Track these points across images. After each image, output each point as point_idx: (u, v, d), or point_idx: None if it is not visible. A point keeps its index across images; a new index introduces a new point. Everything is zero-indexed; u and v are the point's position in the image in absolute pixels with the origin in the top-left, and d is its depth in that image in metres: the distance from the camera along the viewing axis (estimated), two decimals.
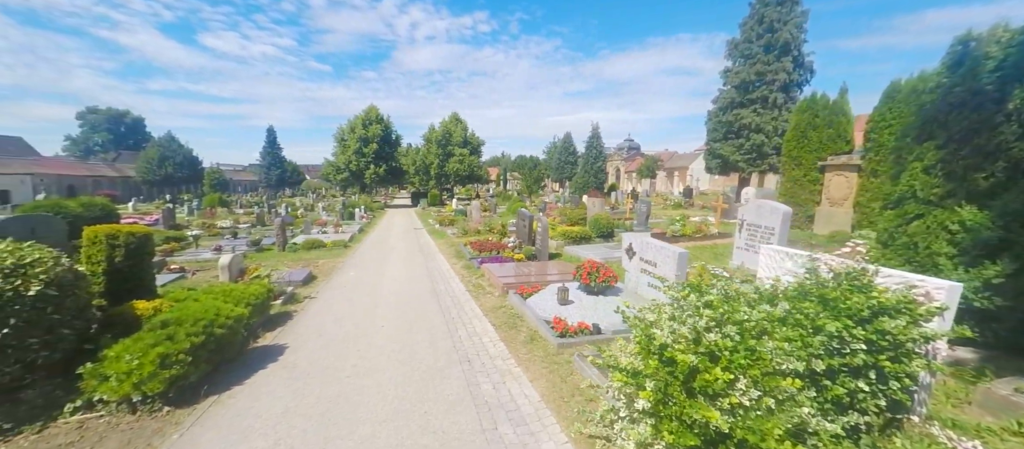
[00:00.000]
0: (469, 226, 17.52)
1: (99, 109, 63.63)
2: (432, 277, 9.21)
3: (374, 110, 40.93)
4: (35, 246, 3.65)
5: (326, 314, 6.50)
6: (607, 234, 12.83)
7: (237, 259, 7.20)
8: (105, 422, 3.33)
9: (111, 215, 14.51)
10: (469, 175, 43.75)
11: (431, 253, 12.67)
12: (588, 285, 6.16)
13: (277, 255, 12.10)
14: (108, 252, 5.11)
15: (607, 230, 12.81)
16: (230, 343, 4.40)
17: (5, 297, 3.10)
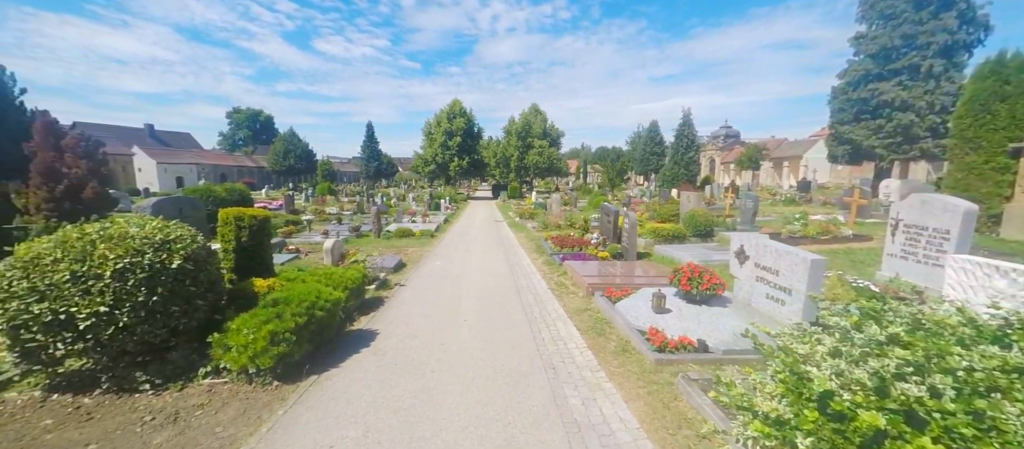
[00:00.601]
0: (549, 220, 17.18)
1: (241, 109, 76.14)
2: (513, 272, 9.06)
3: (458, 104, 42.54)
4: (178, 224, 4.17)
5: (413, 303, 6.68)
6: (704, 233, 11.49)
7: (338, 244, 7.80)
8: (228, 389, 3.68)
9: (247, 200, 17.08)
10: (548, 167, 43.37)
11: (512, 246, 12.60)
12: (688, 292, 5.41)
13: (373, 241, 13.07)
14: (236, 232, 5.79)
15: (704, 228, 11.47)
16: (329, 325, 4.65)
17: (155, 268, 3.56)
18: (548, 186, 55.55)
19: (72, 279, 3.26)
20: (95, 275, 3.32)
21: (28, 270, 3.25)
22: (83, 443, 2.89)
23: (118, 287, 3.36)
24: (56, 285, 3.22)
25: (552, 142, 43.83)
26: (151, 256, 3.58)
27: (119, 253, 3.45)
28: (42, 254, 3.31)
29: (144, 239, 3.65)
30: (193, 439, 2.97)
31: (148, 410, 3.33)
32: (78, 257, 3.34)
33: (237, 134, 75.15)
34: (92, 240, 3.48)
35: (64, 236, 3.47)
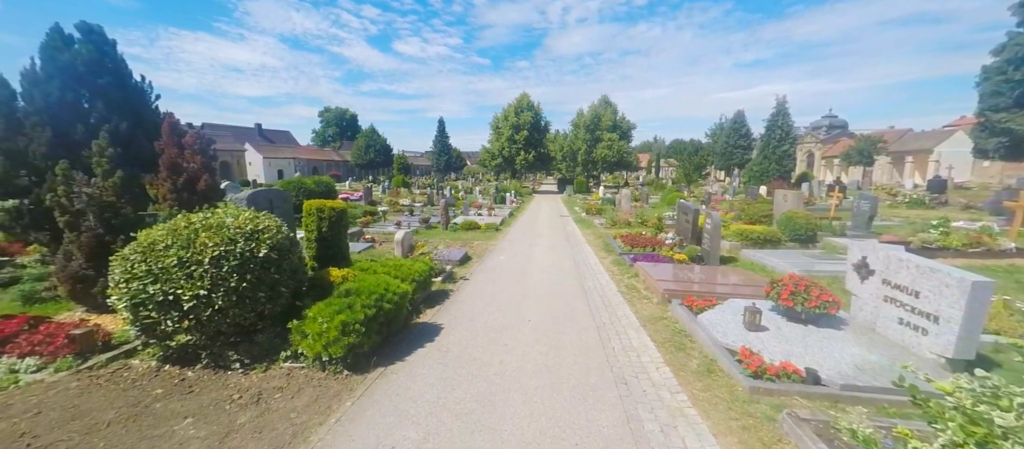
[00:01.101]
0: (618, 217, 16.34)
1: (330, 108, 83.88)
2: (579, 271, 8.65)
3: (525, 97, 42.43)
4: (267, 215, 4.47)
5: (477, 298, 6.63)
6: (806, 237, 9.99)
7: (408, 236, 8.04)
8: (304, 374, 3.86)
9: (332, 191, 18.62)
10: (618, 161, 41.58)
11: (578, 243, 12.14)
12: (790, 308, 4.61)
13: (441, 233, 13.46)
14: (318, 222, 6.17)
15: (806, 232, 9.96)
16: (396, 317, 4.72)
17: (245, 256, 3.82)
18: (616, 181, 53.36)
19: (179, 263, 3.61)
20: (196, 261, 3.64)
21: (146, 254, 3.67)
22: (183, 415, 3.18)
23: (214, 272, 3.66)
24: (166, 269, 3.59)
25: (622, 135, 41.89)
26: (242, 245, 3.86)
27: (216, 241, 3.76)
28: (156, 241, 3.71)
29: (237, 229, 3.94)
30: (270, 422, 3.11)
31: (236, 388, 3.59)
32: (184, 244, 3.69)
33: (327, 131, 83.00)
34: (195, 229, 3.83)
35: (174, 224, 3.87)
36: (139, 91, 8.14)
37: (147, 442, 2.85)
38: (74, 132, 7.10)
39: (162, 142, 6.72)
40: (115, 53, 7.79)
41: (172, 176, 6.59)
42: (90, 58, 7.34)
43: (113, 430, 2.97)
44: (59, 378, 3.73)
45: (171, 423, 3.07)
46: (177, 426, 3.04)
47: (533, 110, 41.43)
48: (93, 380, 3.71)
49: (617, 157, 40.79)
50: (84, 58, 7.27)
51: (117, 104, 7.64)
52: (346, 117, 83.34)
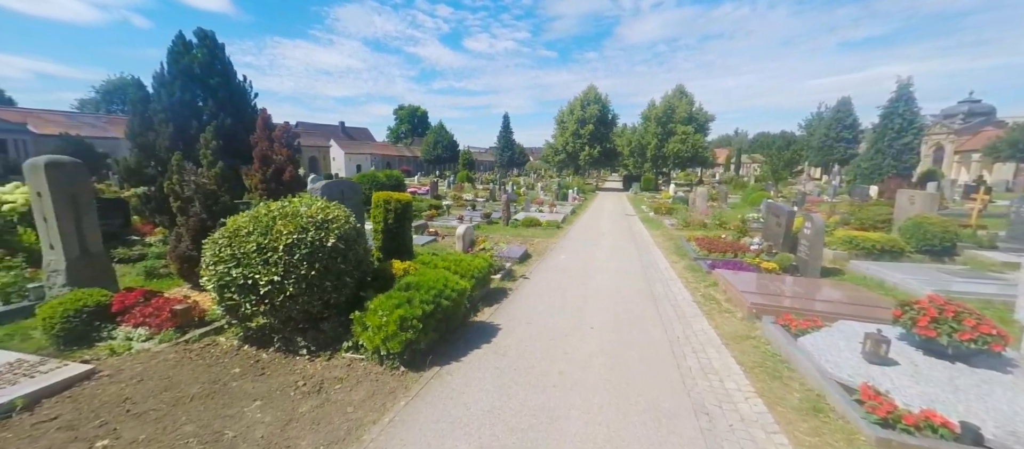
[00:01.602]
0: (692, 217, 15.03)
1: (404, 106, 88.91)
2: (648, 275, 7.98)
3: (592, 90, 41.04)
4: (337, 206, 4.59)
5: (537, 299, 6.35)
6: (940, 250, 8.23)
7: (469, 231, 8.01)
8: (363, 367, 3.88)
9: (401, 185, 19.55)
10: (692, 156, 38.62)
11: (645, 245, 11.31)
12: (931, 339, 3.67)
13: (501, 229, 13.40)
14: (384, 214, 6.31)
15: (940, 243, 8.20)
16: (454, 315, 4.61)
17: (314, 245, 3.93)
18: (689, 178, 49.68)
19: (257, 250, 3.80)
20: (272, 247, 3.81)
21: (231, 240, 3.92)
22: (253, 397, 3.32)
23: (287, 260, 3.80)
24: (247, 254, 3.80)
25: (698, 128, 38.79)
26: (313, 234, 3.97)
27: (290, 229, 3.90)
28: (240, 227, 3.95)
29: (309, 218, 4.07)
30: (327, 415, 3.13)
31: (302, 375, 3.70)
32: (263, 231, 3.88)
33: (400, 128, 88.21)
34: (273, 217, 4.02)
35: (256, 212, 4.10)
36: (241, 90, 9.06)
37: (220, 421, 3.00)
38: (190, 127, 8.09)
39: (256, 136, 7.36)
40: (224, 55, 8.74)
41: (263, 167, 7.18)
42: (204, 60, 8.29)
43: (194, 405, 3.19)
44: (161, 349, 4.16)
45: (242, 404, 3.22)
46: (247, 408, 3.17)
47: (600, 103, 39.97)
48: (187, 353, 4.07)
49: (691, 152, 37.89)
50: (199, 61, 8.23)
51: (224, 102, 8.57)
52: (417, 114, 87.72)
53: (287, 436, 2.85)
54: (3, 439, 2.77)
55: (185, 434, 2.83)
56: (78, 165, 4.66)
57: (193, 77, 8.09)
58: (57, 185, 4.46)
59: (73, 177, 4.57)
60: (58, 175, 4.47)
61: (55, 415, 3.01)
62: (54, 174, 4.43)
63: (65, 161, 4.55)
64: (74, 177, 4.58)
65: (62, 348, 4.14)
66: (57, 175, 4.46)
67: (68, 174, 4.54)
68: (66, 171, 4.52)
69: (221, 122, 8.03)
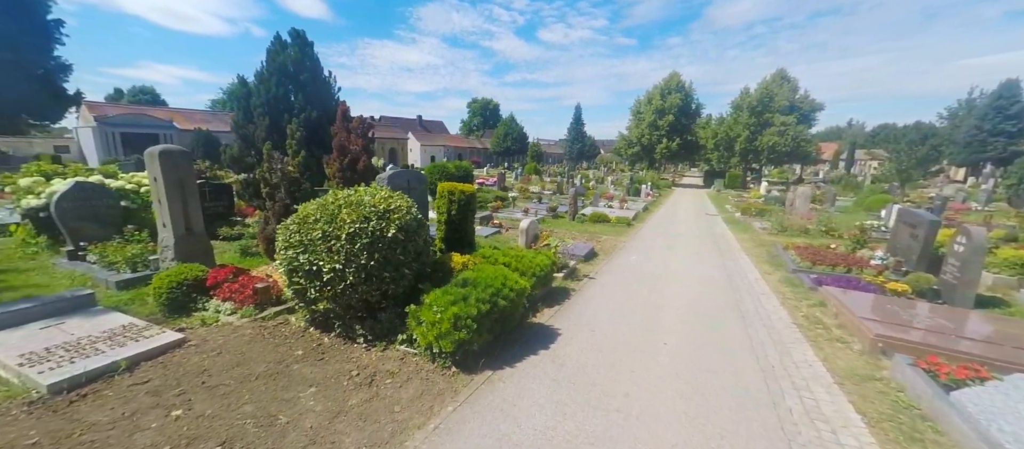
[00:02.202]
0: (790, 221, 13.11)
1: (477, 99, 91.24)
2: (734, 286, 6.99)
3: (675, 77, 38.07)
4: (400, 195, 4.55)
5: (602, 303, 5.84)
6: None
7: (533, 225, 7.70)
8: (415, 362, 3.78)
9: (470, 176, 19.89)
10: (791, 151, 34.00)
11: (731, 250, 10.05)
12: None
13: (567, 224, 12.90)
14: (448, 205, 6.25)
15: None
16: (511, 316, 4.33)
17: (375, 235, 3.90)
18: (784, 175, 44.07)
19: (322, 237, 3.87)
20: (336, 235, 3.84)
21: (300, 226, 4.04)
22: (309, 383, 3.37)
23: (348, 249, 3.81)
24: (313, 241, 3.89)
25: (801, 118, 33.98)
26: (374, 224, 3.94)
27: (354, 218, 3.91)
28: (309, 214, 4.06)
29: (372, 207, 4.06)
30: (375, 411, 3.04)
31: (357, 364, 3.70)
32: (329, 219, 3.94)
33: (472, 120, 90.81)
34: (339, 205, 4.07)
35: (324, 200, 4.19)
36: (327, 85, 9.70)
37: (277, 404, 3.06)
38: (282, 120, 8.84)
39: (336, 126, 7.77)
40: (313, 52, 9.40)
41: (340, 157, 7.56)
42: (296, 58, 8.98)
43: (257, 384, 3.31)
44: (242, 323, 4.48)
45: (299, 389, 3.27)
46: (302, 393, 3.21)
47: (683, 91, 36.95)
48: (261, 330, 4.33)
49: (791, 146, 33.37)
50: (292, 58, 8.93)
51: (311, 96, 9.23)
52: (489, 107, 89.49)
53: (334, 431, 2.80)
54: (105, 395, 3.10)
55: (244, 414, 2.92)
56: (185, 154, 5.24)
57: (286, 74, 8.83)
58: (168, 171, 5.04)
59: (180, 164, 5.14)
60: (168, 162, 5.04)
61: (147, 379, 3.32)
62: (166, 162, 5.01)
63: (174, 150, 5.13)
64: (181, 164, 5.14)
65: (167, 315, 4.66)
66: (168, 162, 5.03)
67: (176, 162, 5.11)
68: (174, 159, 5.09)
69: (308, 115, 8.69)
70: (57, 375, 3.17)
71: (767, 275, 7.86)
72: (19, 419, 2.78)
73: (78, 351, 3.56)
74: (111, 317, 4.30)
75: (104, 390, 3.15)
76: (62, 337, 3.81)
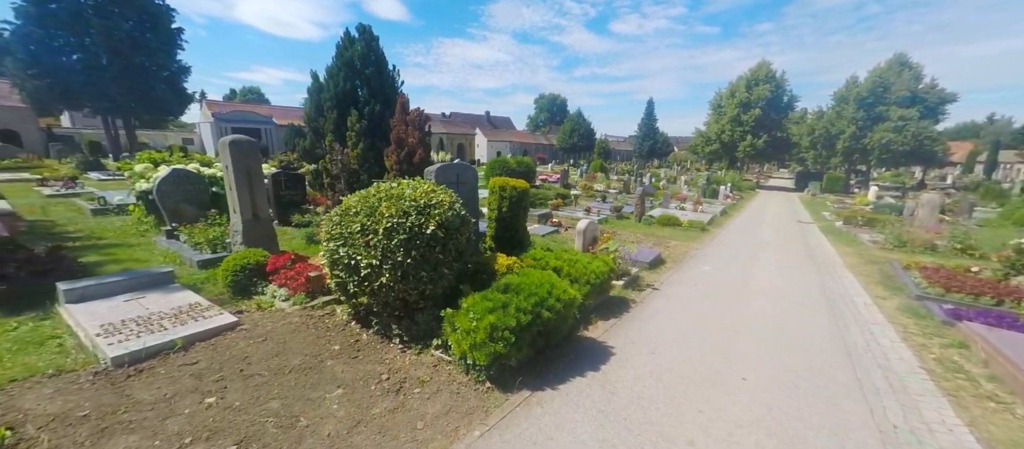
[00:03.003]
0: (911, 234, 10.85)
1: (544, 95, 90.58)
2: (836, 310, 5.80)
3: (764, 67, 34.15)
4: (444, 190, 4.29)
5: (667, 320, 5.11)
6: None
7: (592, 226, 7.09)
8: (448, 371, 3.49)
9: (531, 172, 19.53)
10: (911, 151, 28.67)
11: (830, 266, 8.51)
12: None
13: (633, 225, 11.97)
14: (499, 202, 5.91)
15: None
16: (557, 328, 3.86)
17: (413, 231, 3.67)
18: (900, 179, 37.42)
19: (361, 231, 3.73)
20: (373, 230, 3.68)
21: (342, 218, 3.95)
22: (338, 384, 3.23)
23: (385, 244, 3.62)
24: (352, 234, 3.77)
25: (925, 111, 28.49)
26: (413, 219, 3.72)
27: (392, 212, 3.72)
28: (350, 207, 3.96)
29: (412, 202, 3.84)
30: (396, 425, 2.79)
31: (388, 367, 3.51)
32: (368, 212, 3.80)
33: (539, 116, 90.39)
34: (380, 198, 3.91)
35: (366, 192, 4.07)
36: (391, 79, 9.92)
37: (301, 404, 2.95)
38: (349, 113, 9.18)
39: (394, 119, 7.84)
40: (378, 47, 9.66)
41: (398, 149, 7.60)
42: (362, 53, 9.27)
43: (289, 379, 3.25)
44: (293, 311, 4.57)
45: (326, 389, 3.15)
46: (329, 394, 3.08)
47: (773, 82, 33.02)
48: (308, 319, 4.36)
49: (911, 144, 28.15)
50: (358, 53, 9.23)
51: (375, 90, 9.49)
52: (557, 103, 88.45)
53: (350, 443, 2.59)
54: (157, 373, 3.23)
55: (268, 411, 2.84)
56: (252, 143, 5.53)
57: (353, 69, 9.17)
58: (237, 160, 5.34)
59: (247, 153, 5.43)
60: (238, 152, 5.35)
61: (196, 361, 3.43)
62: (235, 151, 5.32)
63: (242, 141, 5.43)
64: (248, 153, 5.44)
65: (232, 296, 4.93)
66: (237, 152, 5.34)
67: (244, 151, 5.40)
68: (243, 149, 5.39)
69: (371, 108, 8.95)
70: (122, 348, 3.38)
71: (881, 300, 6.46)
72: (82, 388, 2.98)
73: (147, 326, 3.82)
74: (182, 295, 4.63)
75: (158, 367, 3.30)
76: (138, 311, 4.14)
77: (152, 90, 21.67)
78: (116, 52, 19.55)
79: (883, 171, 39.31)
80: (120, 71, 20.03)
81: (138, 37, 20.22)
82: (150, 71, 21.14)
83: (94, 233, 7.56)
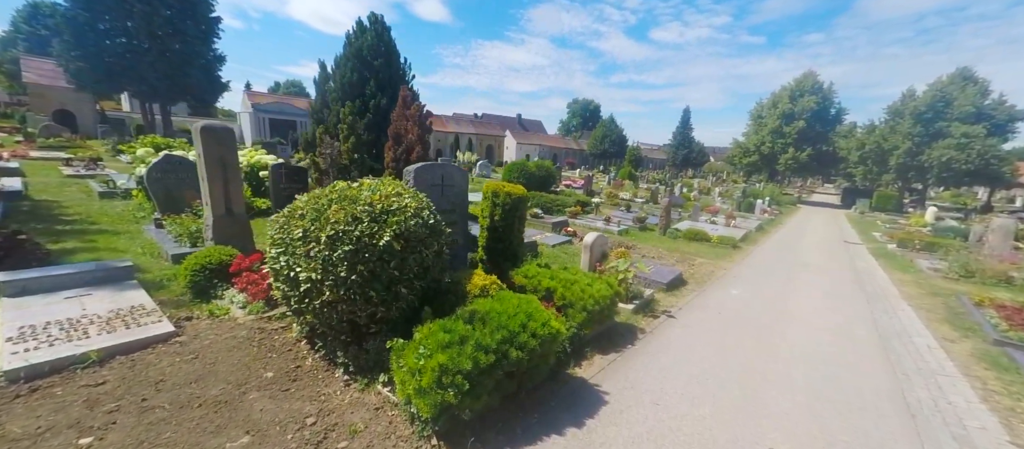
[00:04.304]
0: (982, 264, 9.33)
1: (578, 100, 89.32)
2: (893, 353, 4.77)
3: (810, 77, 31.98)
4: (414, 194, 3.66)
5: (679, 357, 4.26)
6: None
7: (601, 241, 6.27)
8: (388, 419, 2.83)
9: (552, 176, 18.70)
10: (976, 170, 25.80)
11: (883, 296, 7.33)
12: None
13: (656, 239, 10.99)
14: (490, 209, 5.23)
15: None
16: (532, 371, 3.13)
17: (361, 242, 3.04)
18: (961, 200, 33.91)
19: (303, 237, 3.15)
20: (316, 237, 3.08)
21: (287, 220, 3.38)
22: (247, 428, 2.62)
23: (327, 255, 3.02)
24: (293, 241, 3.19)
25: (993, 129, 25.64)
26: (364, 226, 3.09)
27: (339, 217, 3.12)
28: (297, 208, 3.38)
29: (366, 207, 3.22)
30: None
31: (320, 407, 2.89)
32: (314, 216, 3.21)
33: (572, 121, 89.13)
34: (331, 199, 3.32)
35: (319, 192, 3.48)
36: (401, 72, 9.45)
37: None
38: (354, 106, 8.77)
39: (395, 112, 7.31)
40: (388, 38, 9.20)
41: (395, 145, 7.07)
42: (371, 43, 8.85)
43: (194, 415, 2.69)
44: (246, 321, 4.06)
45: (230, 436, 2.55)
46: (230, 444, 2.47)
47: (820, 94, 30.80)
48: (257, 333, 3.83)
49: (976, 163, 25.33)
50: (368, 43, 8.81)
51: (384, 82, 9.04)
52: (590, 108, 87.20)
53: None
54: (51, 394, 2.75)
55: None
56: (227, 130, 5.11)
57: (361, 59, 8.76)
58: (209, 148, 4.93)
59: (222, 141, 5.01)
60: (210, 138, 4.92)
61: (102, 380, 2.93)
62: (207, 137, 4.90)
63: (216, 126, 5.01)
64: (223, 141, 5.01)
65: (192, 298, 4.48)
66: (209, 138, 4.92)
67: (218, 138, 4.98)
68: (216, 135, 4.97)
69: (377, 101, 8.50)
70: (24, 359, 2.94)
71: (948, 342, 5.34)
72: None
73: (70, 331, 3.39)
74: (131, 295, 4.21)
75: (56, 387, 2.82)
76: (73, 311, 3.74)
77: (187, 76, 22.49)
78: (155, 37, 20.36)
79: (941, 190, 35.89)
80: (158, 56, 20.85)
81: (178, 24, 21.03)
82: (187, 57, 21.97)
83: (90, 217, 7.44)
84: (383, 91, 8.96)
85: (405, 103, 7.36)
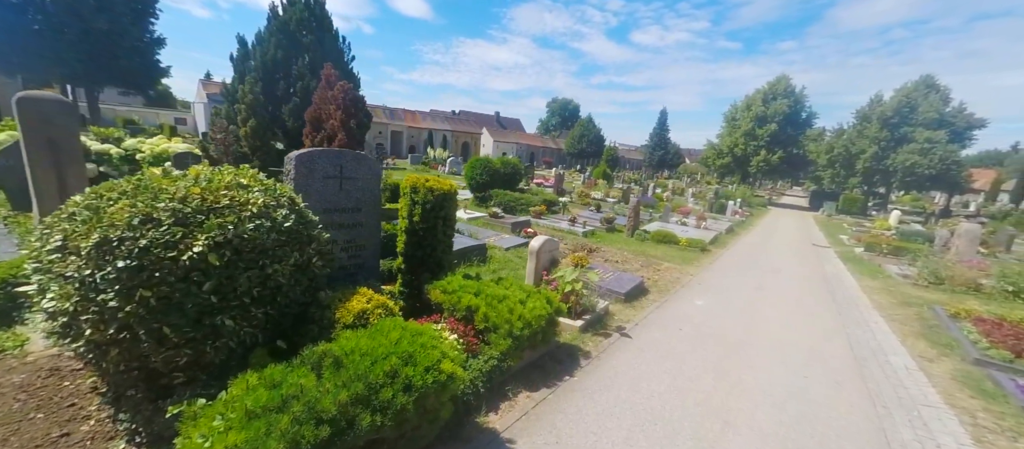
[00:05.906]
0: (951, 272, 9.01)
1: (557, 99, 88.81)
2: (869, 381, 4.11)
3: (783, 81, 32.33)
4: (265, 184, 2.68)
5: (624, 400, 3.43)
6: None
7: (549, 245, 5.41)
8: None
9: (518, 175, 17.76)
10: (936, 175, 26.58)
11: (853, 304, 6.83)
12: None
13: (623, 241, 10.28)
14: (409, 208, 4.30)
15: None
16: (409, 437, 2.22)
17: (156, 252, 2.05)
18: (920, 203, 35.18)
19: (60, 247, 2.12)
20: (77, 247, 2.07)
21: (52, 222, 2.34)
22: None
23: (88, 275, 2.01)
24: (46, 251, 2.16)
25: (954, 136, 26.51)
26: (165, 230, 2.10)
27: (124, 218, 2.12)
28: (70, 205, 2.35)
29: (169, 204, 2.22)
30: None
31: None
32: (87, 216, 2.19)
33: (550, 121, 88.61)
34: (124, 190, 2.31)
35: (110, 184, 2.46)
36: (337, 51, 8.33)
37: None
38: (277, 88, 7.62)
39: (317, 93, 6.25)
40: (323, 11, 8.06)
41: (313, 132, 6.01)
42: (300, 17, 7.69)
43: None
44: (41, 356, 2.98)
45: None
46: None
47: (792, 97, 31.14)
48: (45, 374, 2.77)
49: (937, 168, 26.07)
50: (296, 17, 7.66)
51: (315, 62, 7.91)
52: (569, 108, 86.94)
53: None
54: None
55: None
56: (61, 104, 3.96)
57: (287, 34, 7.62)
58: (30, 126, 3.77)
59: (51, 118, 3.86)
60: (32, 114, 3.77)
61: None
62: (26, 111, 3.74)
63: (42, 98, 3.86)
64: (52, 118, 3.86)
65: None
66: (30, 114, 3.75)
67: (44, 114, 3.83)
68: (42, 110, 3.81)
69: (305, 83, 7.38)
70: None
71: (927, 362, 4.79)
72: None
73: None
74: None
75: None
76: None
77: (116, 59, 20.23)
78: (74, 14, 18.01)
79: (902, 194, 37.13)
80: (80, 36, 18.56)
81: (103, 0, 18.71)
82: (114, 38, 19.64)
83: None
84: (314, 72, 7.85)
85: (329, 83, 6.30)
